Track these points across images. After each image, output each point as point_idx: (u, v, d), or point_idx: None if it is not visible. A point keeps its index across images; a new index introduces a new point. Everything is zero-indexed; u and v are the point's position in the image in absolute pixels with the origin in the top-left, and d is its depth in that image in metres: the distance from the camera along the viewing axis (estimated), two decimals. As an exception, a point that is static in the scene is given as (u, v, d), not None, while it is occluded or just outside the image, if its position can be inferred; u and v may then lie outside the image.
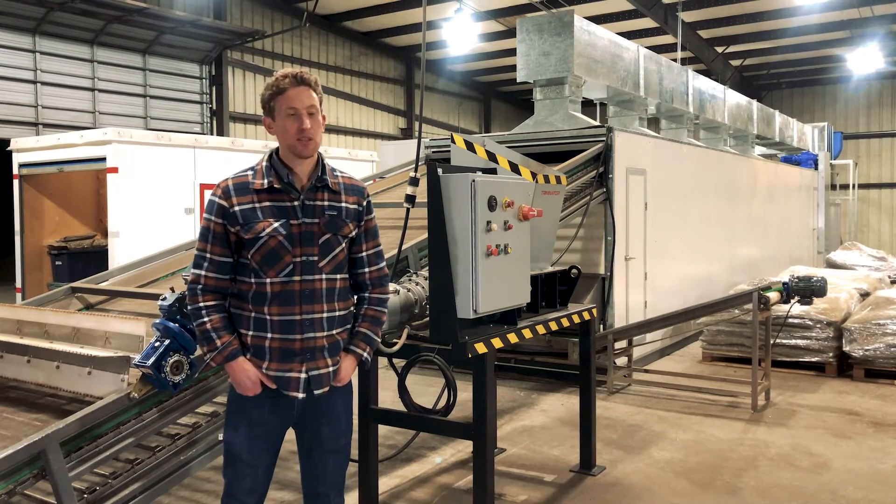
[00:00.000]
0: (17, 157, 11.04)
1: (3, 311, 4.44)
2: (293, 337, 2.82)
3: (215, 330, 2.80)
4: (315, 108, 2.84)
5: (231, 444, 2.89)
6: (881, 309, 7.78)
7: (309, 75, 2.86)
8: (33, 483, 3.19)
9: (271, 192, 2.82)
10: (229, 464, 2.90)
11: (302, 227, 2.82)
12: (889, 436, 5.83)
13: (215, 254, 2.82)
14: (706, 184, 10.15)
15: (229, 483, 2.91)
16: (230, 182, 2.85)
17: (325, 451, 2.96)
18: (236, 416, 2.91)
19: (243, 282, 2.84)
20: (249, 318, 2.84)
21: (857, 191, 22.49)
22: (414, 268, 4.77)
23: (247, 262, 2.82)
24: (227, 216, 2.80)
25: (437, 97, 25.13)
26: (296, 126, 2.80)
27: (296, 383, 2.83)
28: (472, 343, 3.80)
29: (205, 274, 2.82)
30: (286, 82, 2.81)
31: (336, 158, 13.09)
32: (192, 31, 16.41)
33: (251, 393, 2.83)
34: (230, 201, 2.80)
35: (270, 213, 2.80)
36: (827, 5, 17.25)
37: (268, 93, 2.85)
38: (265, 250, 2.79)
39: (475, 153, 4.79)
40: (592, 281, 7.78)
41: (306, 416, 2.94)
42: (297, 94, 2.81)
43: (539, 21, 8.41)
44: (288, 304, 2.81)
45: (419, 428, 4.67)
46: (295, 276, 2.81)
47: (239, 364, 2.81)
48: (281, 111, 2.82)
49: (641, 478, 4.95)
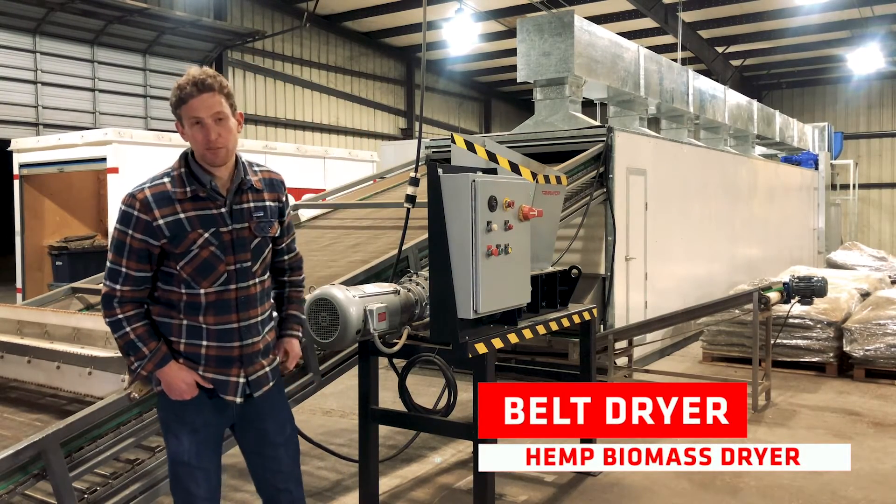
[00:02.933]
0: (18, 157, 11.06)
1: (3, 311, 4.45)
2: (231, 345, 2.75)
3: (140, 339, 2.68)
4: (223, 114, 2.66)
5: (178, 454, 2.77)
6: (882, 309, 7.77)
7: (213, 79, 2.66)
8: (34, 483, 3.19)
9: (196, 201, 2.68)
10: (180, 473, 2.78)
11: (233, 234, 2.72)
12: (889, 436, 5.83)
13: (131, 269, 2.67)
14: (707, 184, 10.14)
15: (184, 493, 2.78)
16: (147, 193, 2.67)
17: (274, 444, 2.91)
18: (177, 424, 2.78)
19: (172, 291, 2.72)
20: (181, 326, 2.74)
21: (858, 191, 22.48)
22: (414, 268, 4.76)
23: (173, 272, 2.70)
24: (148, 231, 2.64)
25: (438, 97, 25.14)
26: (202, 136, 2.65)
27: (234, 387, 2.77)
28: (473, 343, 3.80)
29: (120, 287, 2.68)
30: (187, 90, 2.62)
31: (336, 159, 13.12)
32: (192, 32, 16.42)
33: (188, 396, 2.73)
34: (152, 214, 2.64)
35: (198, 222, 2.67)
36: (827, 5, 17.25)
37: (173, 99, 2.68)
38: (197, 262, 2.67)
39: (475, 153, 4.79)
40: (593, 281, 7.77)
41: (246, 415, 2.88)
42: (199, 102, 2.62)
43: (539, 21, 8.41)
44: (225, 313, 2.73)
45: (419, 428, 4.66)
46: (231, 284, 2.73)
47: (171, 368, 2.70)
48: (187, 120, 2.66)
49: (641, 478, 4.94)
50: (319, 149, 13.89)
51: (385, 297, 3.96)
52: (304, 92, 20.49)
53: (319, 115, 21.02)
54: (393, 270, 4.59)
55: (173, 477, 2.81)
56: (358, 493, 4.33)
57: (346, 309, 3.68)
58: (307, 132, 20.47)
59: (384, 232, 5.90)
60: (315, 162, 12.69)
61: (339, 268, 5.01)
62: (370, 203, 6.90)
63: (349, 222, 6.55)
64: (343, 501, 4.61)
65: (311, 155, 12.81)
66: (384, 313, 3.86)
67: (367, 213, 6.63)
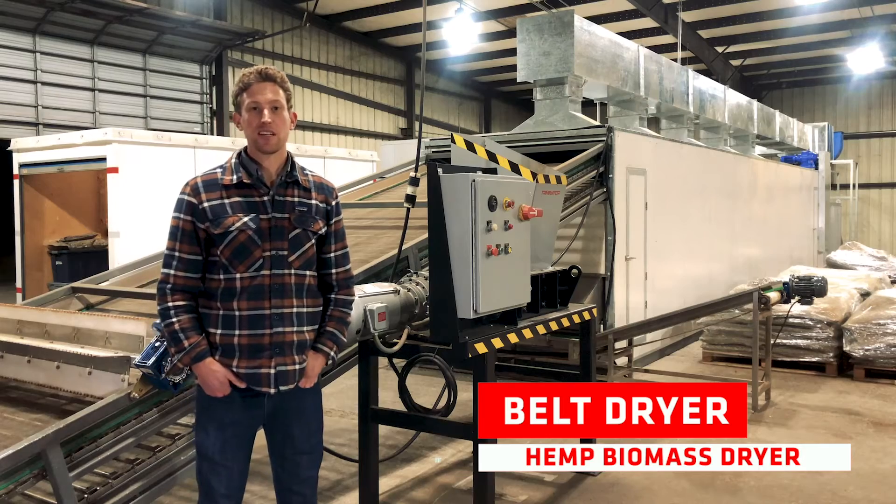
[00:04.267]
0: (18, 157, 11.04)
1: (3, 311, 4.44)
2: (262, 332, 2.81)
3: (183, 330, 2.79)
4: (279, 104, 2.83)
5: (203, 447, 2.87)
6: (881, 309, 7.77)
7: (275, 71, 2.86)
8: (34, 483, 3.19)
9: (240, 188, 2.82)
10: (203, 466, 2.87)
11: (272, 222, 2.83)
12: (889, 436, 5.83)
13: (184, 252, 2.80)
14: (706, 184, 10.14)
15: (205, 485, 2.87)
16: (199, 180, 2.85)
17: (298, 451, 2.97)
18: (206, 417, 2.88)
19: (212, 279, 2.83)
20: (218, 316, 2.82)
21: (858, 191, 22.49)
22: (414, 268, 4.76)
23: (216, 258, 2.81)
24: (195, 213, 2.79)
25: (438, 97, 25.13)
26: (257, 120, 2.81)
27: (266, 379, 2.83)
28: (473, 343, 3.80)
29: (174, 273, 2.80)
30: (251, 77, 2.82)
31: (336, 158, 13.11)
32: (192, 31, 16.40)
33: (220, 394, 2.81)
34: (199, 198, 2.80)
35: (240, 207, 2.80)
36: (827, 5, 17.24)
37: (236, 89, 2.87)
38: (235, 245, 2.78)
39: (475, 153, 4.79)
40: (593, 281, 7.78)
41: (277, 417, 2.93)
42: (259, 88, 2.81)
43: (539, 21, 8.41)
44: (257, 299, 2.80)
45: (419, 428, 4.66)
46: (264, 270, 2.81)
47: (207, 365, 2.79)
48: (244, 106, 2.84)
49: (641, 477, 4.95)
50: (319, 148, 13.87)
51: (385, 296, 3.96)
52: (304, 92, 20.48)
53: (319, 114, 21.02)
54: (393, 270, 4.59)
55: (198, 468, 2.90)
56: (358, 492, 4.33)
57: (346, 309, 3.68)
58: (307, 132, 20.47)
59: (384, 232, 5.90)
60: (315, 162, 12.67)
61: (339, 268, 4.99)
62: (370, 203, 6.91)
63: (349, 222, 6.45)
64: (343, 501, 4.61)
65: (311, 155, 12.79)
66: (384, 313, 3.86)
67: (367, 213, 6.63)
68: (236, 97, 2.87)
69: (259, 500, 4.57)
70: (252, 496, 4.56)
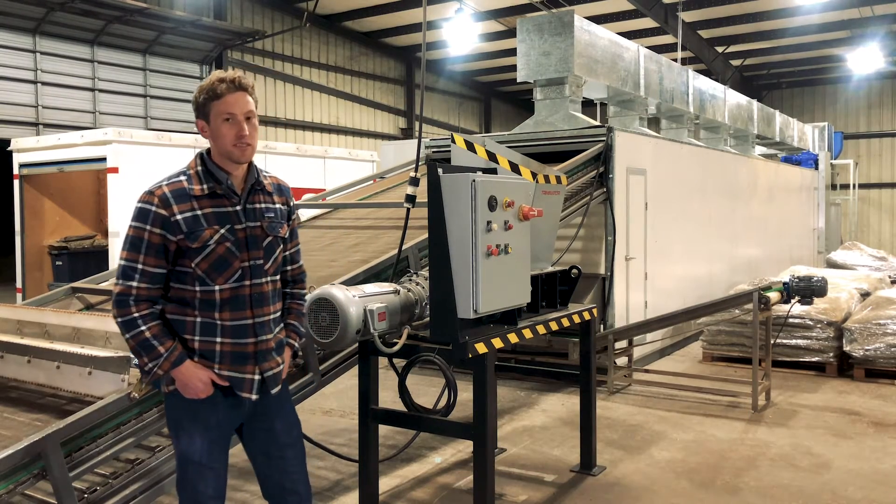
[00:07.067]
0: (18, 157, 11.06)
1: (3, 311, 4.44)
2: (246, 341, 2.80)
3: (155, 337, 2.70)
4: (252, 113, 2.80)
5: (189, 453, 2.78)
6: (882, 309, 7.77)
7: (246, 80, 2.81)
8: (33, 483, 3.19)
9: (212, 198, 2.76)
10: (189, 472, 2.79)
11: (247, 231, 2.80)
12: (889, 436, 5.83)
13: (149, 265, 2.70)
14: (706, 184, 10.14)
15: (191, 492, 2.80)
16: (165, 189, 2.73)
17: (282, 445, 2.95)
18: (190, 422, 2.80)
19: (185, 289, 2.76)
20: (195, 324, 2.77)
21: (858, 191, 22.49)
22: (414, 268, 4.77)
23: (187, 270, 2.74)
24: (167, 226, 2.69)
25: (438, 97, 25.14)
26: (234, 132, 2.75)
27: (249, 384, 2.82)
28: (473, 343, 3.80)
29: (136, 285, 2.69)
30: (223, 87, 2.75)
31: (336, 158, 13.12)
32: (192, 32, 16.41)
33: (204, 395, 2.76)
34: (170, 210, 2.70)
35: (214, 219, 2.75)
36: (827, 5, 17.25)
37: (202, 96, 2.78)
38: (213, 258, 2.73)
39: (475, 153, 4.79)
40: (593, 281, 7.78)
41: (256, 416, 2.92)
42: (234, 99, 2.75)
43: (539, 21, 8.41)
44: (239, 309, 2.78)
45: (419, 428, 4.66)
46: (245, 280, 2.79)
47: (188, 367, 2.73)
48: (217, 116, 2.76)
49: (642, 478, 4.95)
50: (319, 148, 13.87)
51: (385, 296, 3.96)
52: (304, 92, 20.49)
53: (319, 114, 21.02)
54: (393, 270, 4.59)
55: (182, 476, 2.82)
56: (358, 492, 4.33)
57: (346, 309, 3.69)
58: (307, 132, 20.48)
59: (384, 232, 5.91)
60: (315, 162, 12.70)
61: (339, 268, 5.01)
62: (370, 203, 6.90)
63: (349, 222, 6.55)
64: (343, 501, 4.61)
65: (311, 155, 12.81)
66: (384, 313, 3.86)
67: (367, 213, 6.63)
68: (203, 105, 2.78)
69: (259, 500, 4.56)
70: (252, 496, 4.56)
